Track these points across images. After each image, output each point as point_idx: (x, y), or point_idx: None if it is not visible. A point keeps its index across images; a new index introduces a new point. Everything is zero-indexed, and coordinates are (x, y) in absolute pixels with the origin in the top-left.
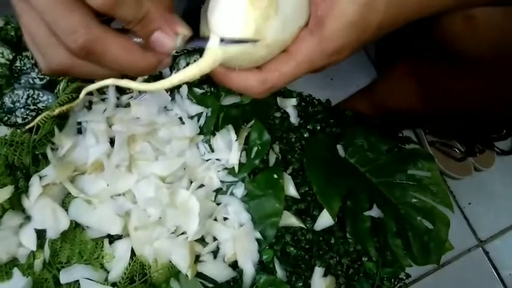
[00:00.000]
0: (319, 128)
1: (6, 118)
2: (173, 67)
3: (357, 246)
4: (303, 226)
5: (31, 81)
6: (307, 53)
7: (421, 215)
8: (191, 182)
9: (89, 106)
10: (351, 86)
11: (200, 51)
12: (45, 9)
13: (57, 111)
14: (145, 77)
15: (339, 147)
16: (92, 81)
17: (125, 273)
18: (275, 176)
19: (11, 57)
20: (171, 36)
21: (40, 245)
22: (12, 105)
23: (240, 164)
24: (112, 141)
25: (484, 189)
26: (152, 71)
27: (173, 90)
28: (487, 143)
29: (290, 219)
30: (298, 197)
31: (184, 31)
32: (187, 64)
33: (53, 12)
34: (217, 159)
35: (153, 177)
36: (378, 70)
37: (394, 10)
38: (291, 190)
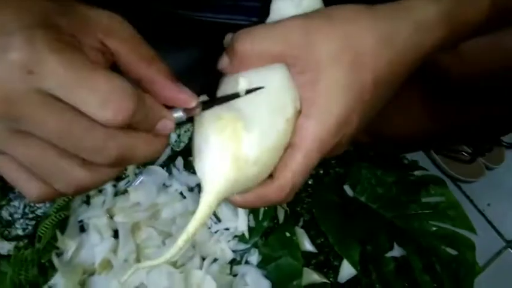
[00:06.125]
0: (322, 172)
1: (6, 232)
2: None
3: None
4: (327, 281)
5: None
6: (312, 138)
7: (444, 243)
8: (203, 259)
9: (87, 201)
10: None
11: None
12: (59, 135)
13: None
14: None
15: (346, 187)
16: None
17: None
18: (287, 234)
19: None
20: (173, 120)
21: None
22: (10, 218)
23: (250, 229)
24: (116, 233)
25: (500, 186)
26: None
27: (169, 165)
28: (494, 140)
29: (312, 276)
30: (316, 250)
31: (189, 103)
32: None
33: (71, 136)
34: (226, 229)
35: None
36: None
37: (386, 59)
38: (307, 245)
